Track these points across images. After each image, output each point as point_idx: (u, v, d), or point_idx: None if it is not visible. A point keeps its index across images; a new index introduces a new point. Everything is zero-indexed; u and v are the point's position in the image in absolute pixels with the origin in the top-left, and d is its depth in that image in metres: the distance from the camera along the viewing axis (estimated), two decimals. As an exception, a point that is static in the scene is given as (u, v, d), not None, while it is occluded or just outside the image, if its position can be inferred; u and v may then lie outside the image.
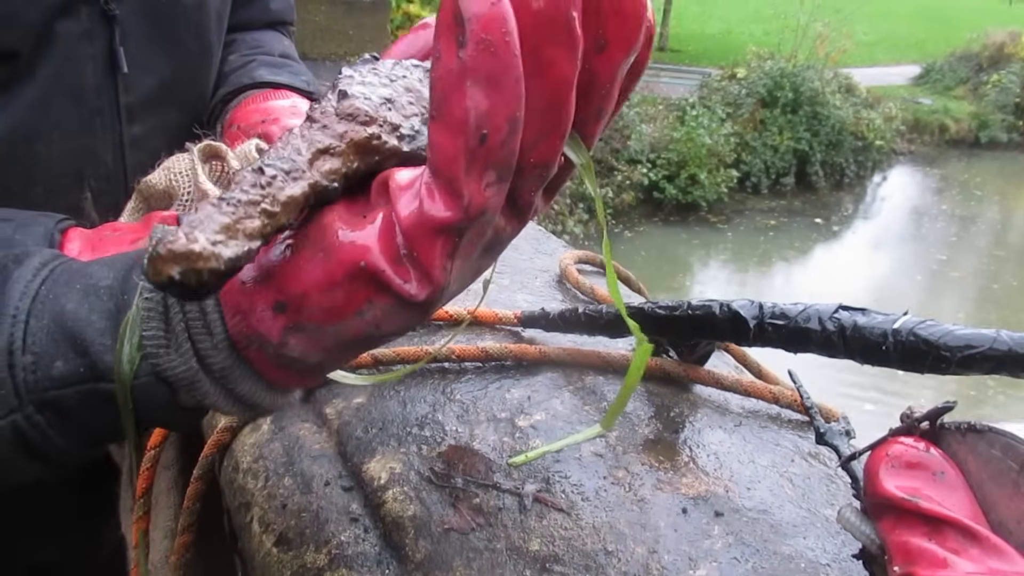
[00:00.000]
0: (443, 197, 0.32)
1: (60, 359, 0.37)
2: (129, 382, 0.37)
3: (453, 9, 0.30)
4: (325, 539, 0.51)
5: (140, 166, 0.79)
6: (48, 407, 0.37)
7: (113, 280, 0.38)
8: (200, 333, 0.36)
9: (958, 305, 8.43)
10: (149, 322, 0.36)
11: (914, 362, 0.43)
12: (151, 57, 0.77)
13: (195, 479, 0.64)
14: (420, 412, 0.59)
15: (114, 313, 0.37)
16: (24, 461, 0.38)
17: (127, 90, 0.75)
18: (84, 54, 0.71)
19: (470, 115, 0.30)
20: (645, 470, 0.51)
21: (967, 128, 14.08)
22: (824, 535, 0.46)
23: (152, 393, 0.37)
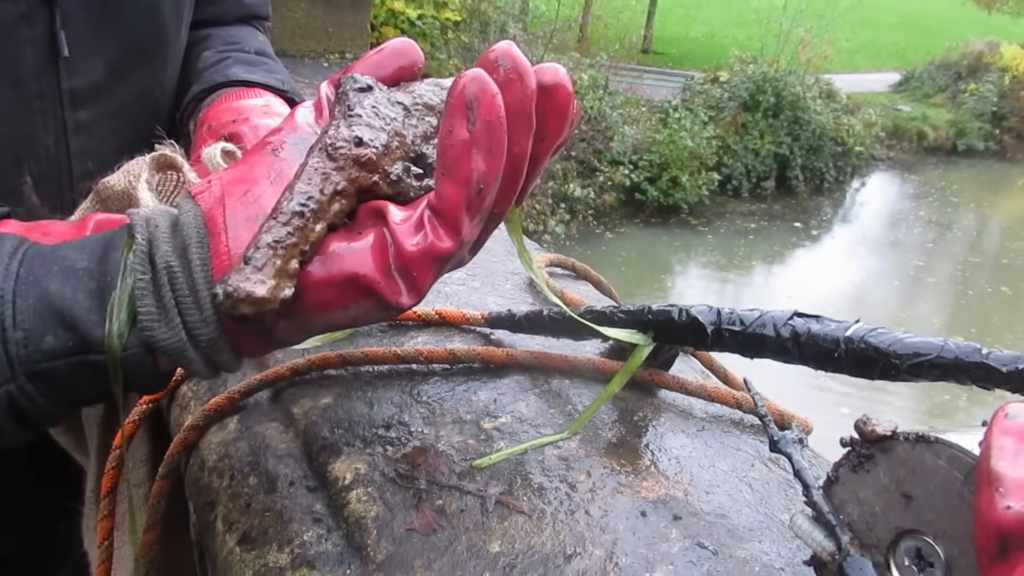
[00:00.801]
0: (447, 233, 0.41)
1: (50, 334, 0.41)
2: (119, 354, 0.42)
3: (465, 96, 0.40)
4: (288, 539, 0.51)
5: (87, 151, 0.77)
6: (39, 378, 0.41)
7: (89, 263, 0.43)
8: (189, 308, 0.42)
9: (934, 311, 8.54)
10: (143, 299, 0.42)
11: (865, 369, 0.44)
12: (96, 40, 0.75)
13: (160, 477, 0.64)
14: (387, 413, 0.59)
15: (97, 293, 0.42)
16: (12, 426, 0.43)
17: (70, 74, 0.74)
18: (22, 37, 0.70)
19: (473, 174, 0.41)
20: (607, 473, 0.52)
21: (945, 136, 14.25)
22: (779, 540, 0.47)
23: (138, 363, 0.42)
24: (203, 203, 0.44)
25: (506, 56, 0.42)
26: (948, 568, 0.37)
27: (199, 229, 0.43)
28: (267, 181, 0.44)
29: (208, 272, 0.42)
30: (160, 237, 0.43)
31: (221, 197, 0.44)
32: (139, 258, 0.42)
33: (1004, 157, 14.56)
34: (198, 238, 0.43)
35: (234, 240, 0.42)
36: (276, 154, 0.45)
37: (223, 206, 0.43)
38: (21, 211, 0.58)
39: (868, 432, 0.40)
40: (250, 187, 0.44)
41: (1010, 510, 0.31)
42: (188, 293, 0.42)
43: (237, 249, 0.42)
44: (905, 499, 0.39)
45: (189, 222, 0.43)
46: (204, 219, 0.43)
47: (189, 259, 0.42)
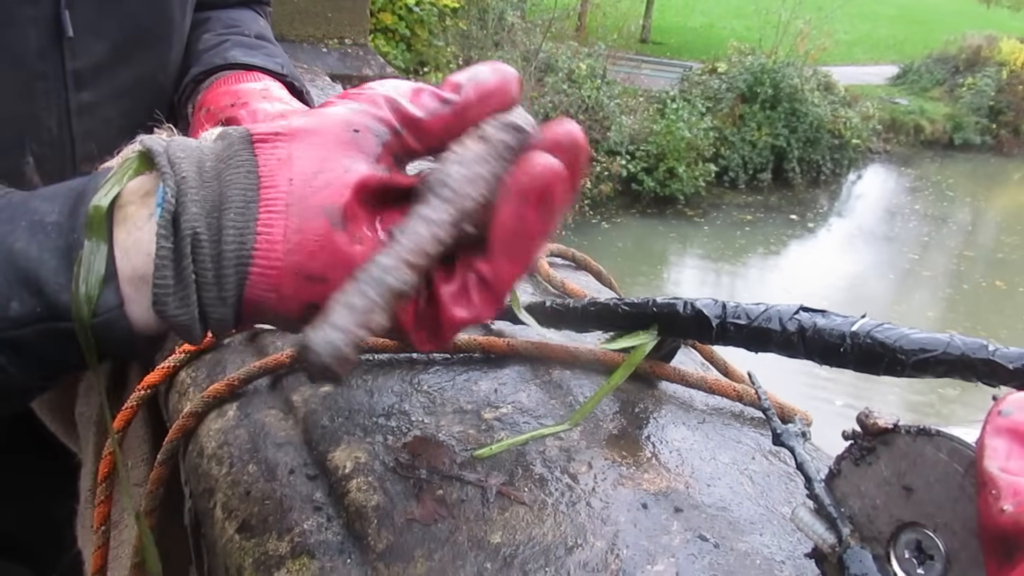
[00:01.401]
0: (491, 305, 0.42)
1: (15, 300, 0.37)
2: (89, 321, 0.37)
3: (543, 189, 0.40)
4: (288, 527, 0.51)
5: (90, 133, 0.77)
6: (6, 346, 0.38)
7: (59, 216, 0.38)
8: (208, 284, 0.38)
9: (929, 304, 8.57)
10: (162, 270, 0.37)
11: (870, 364, 0.44)
12: (101, 21, 0.75)
13: (159, 464, 0.64)
14: (387, 402, 0.59)
15: (65, 251, 0.38)
16: None
17: (74, 55, 0.73)
18: (26, 16, 0.69)
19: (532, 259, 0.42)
20: (608, 465, 0.52)
21: (942, 129, 14.27)
22: (780, 532, 0.47)
23: (112, 329, 0.38)
24: (263, 160, 0.38)
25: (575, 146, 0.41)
26: (948, 561, 0.37)
27: (247, 193, 0.38)
28: (341, 166, 0.39)
29: (245, 247, 0.37)
30: (188, 192, 0.37)
31: (288, 164, 0.38)
32: (163, 220, 0.37)
33: (1000, 151, 14.59)
34: (241, 203, 0.37)
35: (296, 232, 0.37)
36: (355, 136, 0.40)
37: (290, 181, 0.38)
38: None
39: (870, 425, 0.40)
40: (322, 166, 0.38)
41: (1004, 513, 0.31)
42: (210, 265, 0.37)
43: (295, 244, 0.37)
44: (906, 492, 0.39)
45: (237, 179, 0.38)
46: (259, 183, 0.38)
47: (222, 224, 0.37)
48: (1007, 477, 0.32)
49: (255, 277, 0.38)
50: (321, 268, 0.38)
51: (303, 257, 0.37)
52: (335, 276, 0.38)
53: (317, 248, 0.37)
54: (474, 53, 9.27)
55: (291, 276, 0.38)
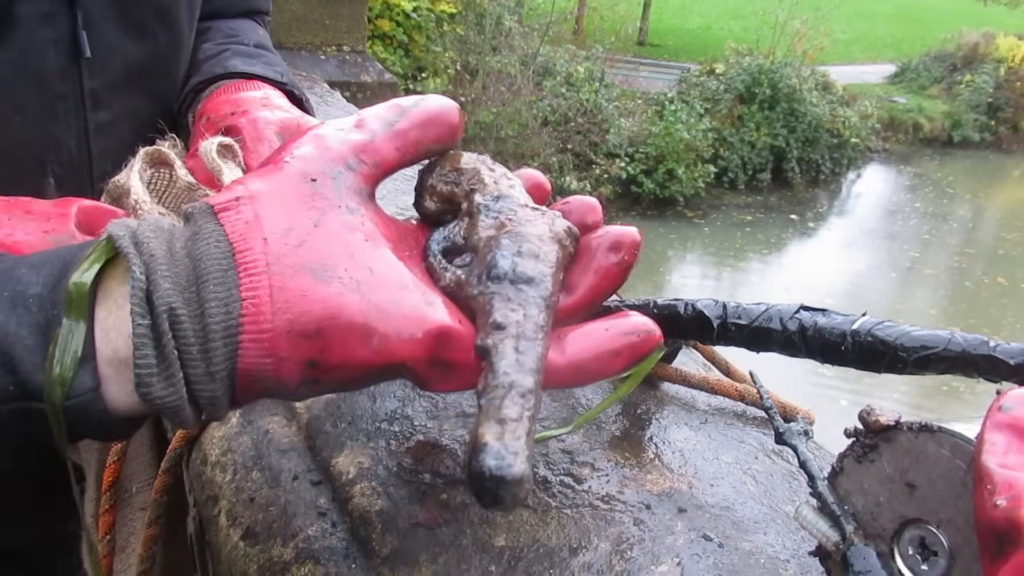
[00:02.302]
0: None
1: None
2: (61, 403, 0.35)
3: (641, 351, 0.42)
4: (292, 533, 0.51)
5: (106, 153, 0.78)
6: None
7: (42, 288, 0.36)
8: (194, 359, 0.35)
9: (931, 302, 8.56)
10: (142, 349, 0.35)
11: (872, 362, 0.44)
12: (117, 42, 0.76)
13: (163, 472, 0.64)
14: (389, 407, 0.59)
15: (43, 327, 0.36)
16: None
17: (91, 75, 0.74)
18: (45, 38, 0.70)
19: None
20: (611, 466, 0.52)
21: (940, 127, 14.28)
22: (784, 531, 0.47)
23: (86, 412, 0.36)
24: (230, 228, 0.37)
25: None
26: (952, 557, 0.37)
27: (222, 261, 0.36)
28: (310, 222, 0.38)
29: (231, 315, 0.35)
30: (158, 270, 0.36)
31: (257, 226, 0.37)
32: (136, 298, 0.35)
33: (999, 148, 14.60)
34: (219, 273, 0.36)
35: (280, 290, 0.36)
36: (314, 186, 0.39)
37: (264, 241, 0.37)
38: None
39: (872, 422, 0.41)
40: (292, 225, 0.37)
41: (997, 508, 0.31)
42: (193, 341, 0.35)
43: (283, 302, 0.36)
44: (909, 488, 0.39)
45: (208, 251, 0.36)
46: (231, 249, 0.36)
47: (203, 297, 0.35)
48: (1003, 472, 0.32)
49: (248, 344, 0.36)
50: (315, 322, 0.36)
51: (294, 315, 0.36)
52: (328, 328, 0.36)
53: (307, 303, 0.36)
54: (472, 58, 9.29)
55: (285, 337, 0.36)
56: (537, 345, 0.37)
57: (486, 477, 0.32)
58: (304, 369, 0.37)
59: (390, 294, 0.38)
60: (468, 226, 0.42)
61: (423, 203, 0.45)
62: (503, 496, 0.33)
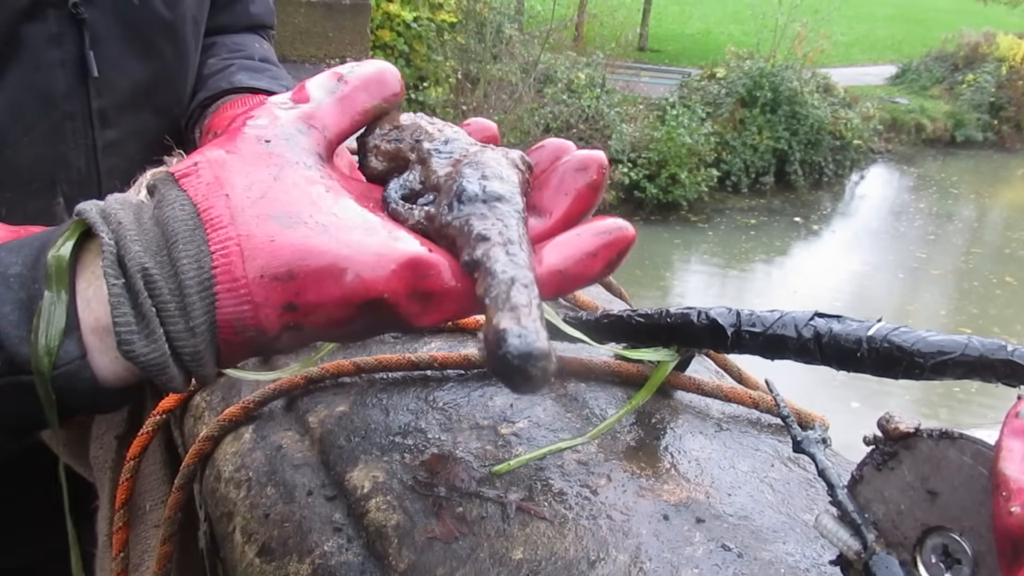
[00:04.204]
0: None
1: None
2: (49, 373, 0.36)
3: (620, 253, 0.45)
4: (308, 549, 0.51)
5: (114, 171, 0.78)
6: None
7: (22, 267, 0.38)
8: (172, 316, 0.37)
9: (940, 302, 8.53)
10: (119, 308, 0.36)
11: (888, 368, 0.44)
12: (124, 61, 0.76)
13: (176, 489, 0.64)
14: (403, 420, 0.59)
15: (26, 303, 0.37)
16: None
17: (99, 94, 0.75)
18: (53, 59, 0.70)
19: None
20: (627, 477, 0.52)
21: (943, 127, 14.26)
22: (804, 540, 0.47)
23: (74, 380, 0.37)
24: (192, 191, 0.38)
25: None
26: (976, 564, 0.37)
27: (188, 221, 0.37)
28: (270, 177, 0.39)
29: (203, 270, 0.37)
30: (127, 235, 0.37)
31: (217, 185, 0.38)
32: (108, 260, 0.36)
33: (1003, 147, 14.57)
34: (186, 232, 0.37)
35: (247, 238, 0.37)
36: (269, 147, 0.40)
37: (226, 197, 0.38)
38: None
39: (891, 430, 0.40)
40: (252, 181, 0.39)
41: (1012, 515, 0.31)
42: (170, 299, 0.36)
43: (251, 249, 0.37)
44: (930, 496, 0.39)
45: (174, 214, 0.37)
46: (195, 209, 0.38)
47: (174, 256, 0.37)
48: (1020, 479, 0.32)
49: (223, 295, 0.37)
50: (286, 265, 0.37)
51: (264, 260, 0.37)
52: (300, 269, 0.37)
53: (275, 248, 0.37)
54: (473, 67, 9.31)
55: (258, 282, 0.37)
56: (524, 249, 0.38)
57: (513, 356, 0.33)
58: (282, 313, 0.37)
59: (358, 233, 0.38)
60: (423, 171, 0.44)
61: (368, 164, 0.46)
62: (532, 372, 0.33)
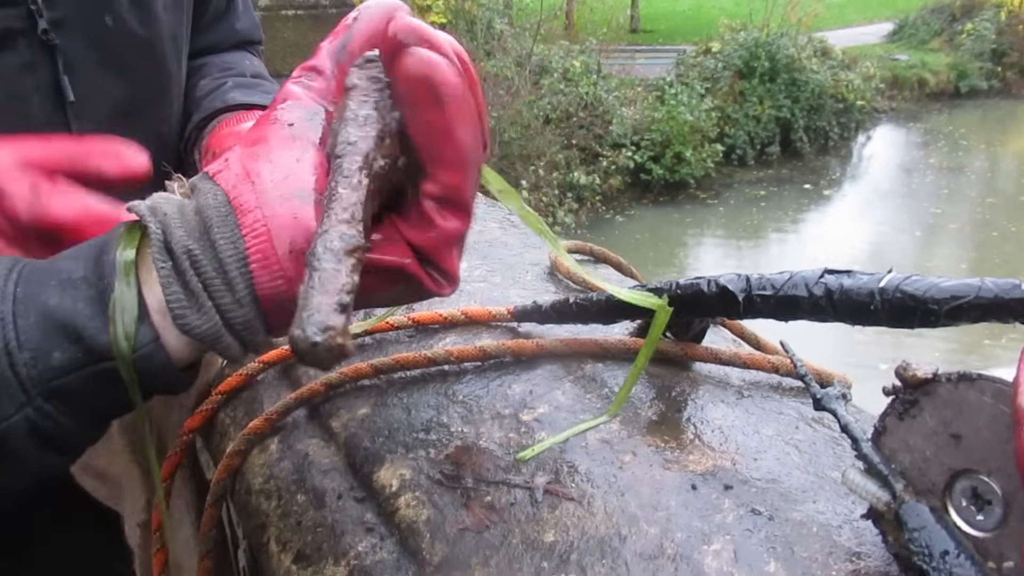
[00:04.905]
0: (457, 216, 0.43)
1: (57, 350, 0.40)
2: (130, 356, 0.40)
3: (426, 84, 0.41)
4: (343, 551, 0.52)
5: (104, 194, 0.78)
6: (55, 395, 0.40)
7: (85, 271, 0.41)
8: (219, 291, 0.40)
9: (960, 256, 8.44)
10: (169, 287, 0.40)
11: (903, 318, 0.44)
12: (101, 83, 0.76)
13: (209, 505, 0.65)
14: (425, 417, 0.59)
15: (96, 299, 0.40)
16: (39, 453, 0.41)
17: (78, 118, 0.75)
18: (27, 86, 0.70)
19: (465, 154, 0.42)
20: (652, 451, 0.52)
21: (946, 80, 14.11)
22: (834, 498, 0.47)
23: (151, 361, 0.41)
24: (223, 182, 0.42)
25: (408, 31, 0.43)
26: (1007, 503, 0.37)
27: (220, 207, 0.41)
28: (293, 159, 0.43)
29: (239, 250, 0.40)
30: (171, 223, 0.41)
31: (244, 174, 0.42)
32: (156, 246, 0.40)
33: (1009, 94, 14.40)
34: (220, 216, 0.41)
35: (273, 219, 0.41)
36: (292, 130, 0.44)
37: (251, 182, 0.42)
38: None
39: (909, 377, 0.40)
40: (275, 166, 0.42)
41: None
42: (215, 275, 0.40)
43: (277, 228, 0.40)
44: (954, 439, 0.39)
45: (208, 203, 0.41)
46: (227, 197, 0.42)
47: (212, 239, 0.41)
48: None
49: (258, 271, 0.40)
50: (310, 239, 0.39)
51: (291, 236, 0.40)
52: None
53: (299, 225, 0.41)
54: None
55: (288, 258, 0.40)
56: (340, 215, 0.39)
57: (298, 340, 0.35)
58: None
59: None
60: None
61: None
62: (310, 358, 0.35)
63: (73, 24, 0.73)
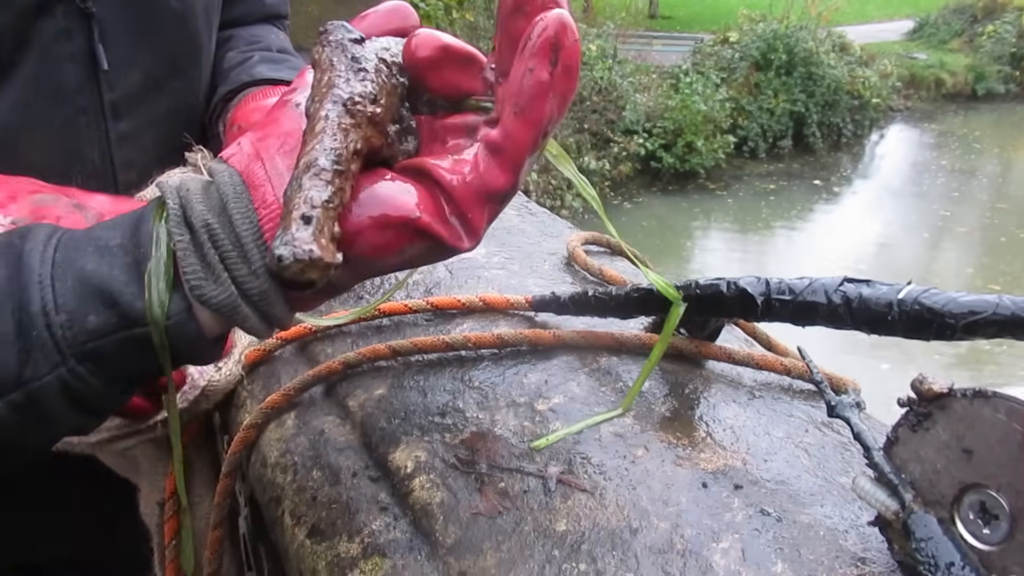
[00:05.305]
0: (504, 171, 0.42)
1: (92, 313, 0.41)
2: (163, 323, 0.42)
3: (551, 39, 0.40)
4: (357, 528, 0.53)
5: (130, 163, 0.79)
6: (88, 358, 0.41)
7: (123, 239, 0.43)
8: (235, 263, 0.41)
9: (966, 260, 8.41)
10: (186, 259, 0.41)
11: (920, 330, 0.45)
12: (134, 52, 0.77)
13: (224, 476, 0.66)
14: (441, 401, 0.60)
15: (132, 266, 0.42)
16: (70, 412, 0.43)
17: (111, 87, 0.75)
18: (62, 53, 0.71)
19: (546, 117, 0.41)
20: (664, 447, 0.53)
21: (963, 81, 14.00)
22: (841, 503, 0.48)
23: (183, 330, 0.42)
24: (236, 163, 0.44)
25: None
26: (1013, 519, 0.38)
27: (235, 185, 0.43)
28: (300, 132, 0.44)
29: (254, 224, 0.42)
30: (192, 199, 0.43)
31: (255, 153, 0.44)
32: (174, 220, 0.42)
33: (1026, 99, 14.27)
34: (235, 193, 0.42)
35: (280, 189, 0.42)
36: (300, 108, 0.45)
37: (261, 160, 0.43)
38: None
39: (925, 391, 0.41)
40: (284, 140, 0.44)
41: None
42: (231, 248, 0.41)
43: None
44: (966, 454, 0.40)
45: (224, 180, 0.43)
46: (240, 175, 0.43)
47: (229, 213, 0.42)
48: None
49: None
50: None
51: None
52: None
53: None
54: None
55: None
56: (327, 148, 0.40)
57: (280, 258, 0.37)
58: None
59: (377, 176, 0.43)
60: None
61: None
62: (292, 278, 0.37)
63: None
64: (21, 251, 0.42)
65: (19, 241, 0.43)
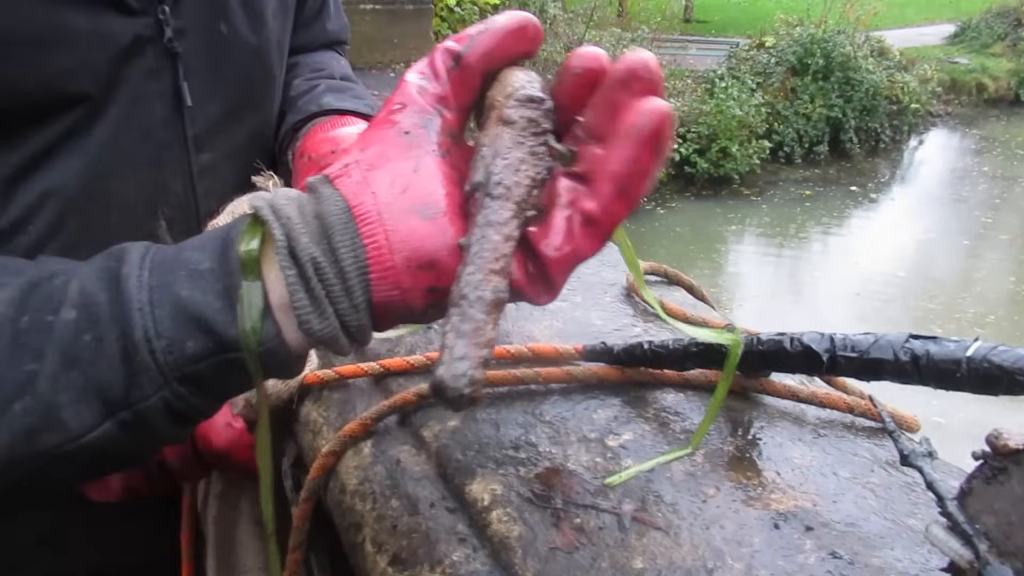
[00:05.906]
0: (596, 241, 0.45)
1: (190, 340, 0.44)
2: (257, 350, 0.44)
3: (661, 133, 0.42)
4: (438, 559, 0.55)
5: (211, 193, 0.83)
6: (188, 380, 0.44)
7: (212, 263, 0.44)
8: (339, 297, 0.43)
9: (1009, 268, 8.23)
10: (296, 294, 0.43)
11: (988, 387, 0.46)
12: (214, 87, 0.81)
13: (303, 500, 0.69)
14: (513, 434, 0.63)
15: (224, 293, 0.44)
16: (171, 426, 0.46)
17: (193, 122, 0.79)
18: (151, 91, 0.75)
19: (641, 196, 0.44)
20: (734, 487, 0.55)
21: (1006, 86, 13.73)
22: (910, 545, 0.49)
23: (275, 354, 0.45)
24: (344, 189, 0.44)
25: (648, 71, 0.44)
26: (1086, 573, 0.39)
27: (342, 216, 0.43)
28: (410, 170, 0.44)
29: (360, 259, 0.43)
30: (295, 230, 0.43)
31: (366, 183, 0.44)
32: (282, 254, 0.43)
33: (1071, 104, 13.97)
34: (341, 224, 0.43)
35: (394, 232, 0.43)
36: (408, 138, 0.45)
37: (373, 195, 0.43)
38: None
39: (1000, 446, 0.42)
40: (395, 176, 0.44)
41: None
42: (336, 281, 0.43)
43: (397, 241, 0.43)
44: (1040, 508, 0.41)
45: (331, 211, 0.43)
46: (347, 204, 0.44)
47: (334, 247, 0.43)
48: None
49: (376, 281, 0.43)
50: (428, 256, 0.43)
51: (410, 251, 0.43)
52: (442, 258, 0.43)
53: (417, 240, 0.43)
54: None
55: (405, 271, 0.43)
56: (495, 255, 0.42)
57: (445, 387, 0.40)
58: (427, 295, 0.44)
59: None
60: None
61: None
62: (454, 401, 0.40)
63: (193, 32, 0.77)
64: (119, 275, 0.45)
65: (115, 264, 0.46)
